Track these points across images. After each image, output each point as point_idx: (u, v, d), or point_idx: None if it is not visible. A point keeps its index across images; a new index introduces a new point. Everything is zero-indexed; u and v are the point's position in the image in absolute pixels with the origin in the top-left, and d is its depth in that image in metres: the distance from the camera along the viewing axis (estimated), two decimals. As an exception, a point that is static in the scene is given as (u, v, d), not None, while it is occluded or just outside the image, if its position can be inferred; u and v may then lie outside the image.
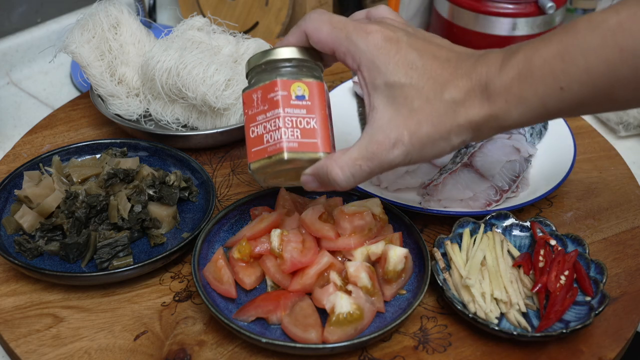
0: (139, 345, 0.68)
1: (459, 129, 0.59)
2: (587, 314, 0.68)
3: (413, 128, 0.59)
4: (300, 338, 0.66)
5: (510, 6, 1.05)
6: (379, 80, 0.59)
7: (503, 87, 0.57)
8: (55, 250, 0.75)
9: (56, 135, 0.95)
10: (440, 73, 0.59)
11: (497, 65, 0.57)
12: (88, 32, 0.92)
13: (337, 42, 0.61)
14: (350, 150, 0.61)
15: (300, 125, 0.62)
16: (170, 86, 0.88)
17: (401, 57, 0.59)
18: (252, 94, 0.65)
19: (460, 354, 0.67)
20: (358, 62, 0.60)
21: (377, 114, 0.60)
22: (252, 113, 0.64)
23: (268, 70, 0.65)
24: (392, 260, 0.70)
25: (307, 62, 0.65)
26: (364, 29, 0.60)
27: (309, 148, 0.62)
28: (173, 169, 0.86)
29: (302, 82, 0.63)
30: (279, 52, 0.64)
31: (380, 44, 0.59)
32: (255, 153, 0.64)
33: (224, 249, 0.75)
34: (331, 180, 0.61)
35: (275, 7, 1.15)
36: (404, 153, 0.59)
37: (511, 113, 0.57)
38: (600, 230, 0.81)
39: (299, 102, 0.63)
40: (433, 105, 0.58)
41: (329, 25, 0.61)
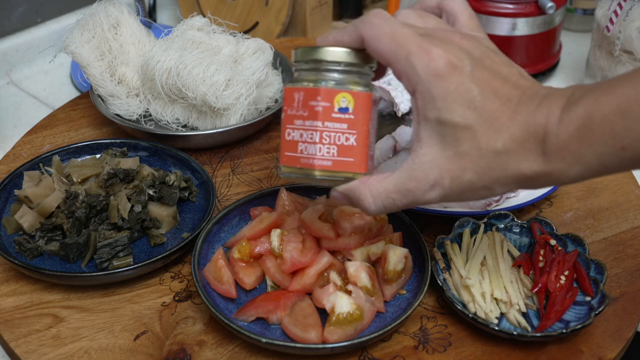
0: (139, 345, 0.68)
1: (505, 180, 0.55)
2: (587, 314, 0.68)
3: (456, 173, 0.55)
4: (300, 338, 0.66)
5: (510, 6, 1.05)
6: (431, 114, 0.54)
7: (561, 144, 0.52)
8: (55, 250, 0.75)
9: (56, 135, 0.95)
10: (498, 117, 0.53)
11: (557, 115, 0.52)
12: (88, 32, 0.92)
13: (395, 60, 0.55)
14: (386, 180, 0.57)
15: (339, 141, 0.58)
16: (170, 86, 0.88)
17: (461, 92, 0.53)
18: (294, 92, 0.60)
19: (460, 353, 0.67)
20: (414, 87, 0.55)
21: (421, 148, 0.55)
22: (291, 114, 0.60)
23: (314, 71, 0.60)
24: (392, 260, 0.70)
25: (359, 66, 0.59)
26: (427, 52, 0.54)
27: (343, 167, 0.59)
28: (173, 169, 0.86)
29: (349, 92, 0.58)
30: (328, 52, 0.59)
31: (440, 73, 0.53)
32: (287, 157, 0.60)
33: (224, 249, 0.75)
34: (361, 206, 0.59)
35: (275, 7, 1.15)
36: (441, 196, 0.56)
37: (567, 172, 0.53)
38: (600, 230, 0.81)
39: (341, 116, 0.58)
40: (483, 153, 0.54)
41: (390, 40, 0.55)
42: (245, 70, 0.92)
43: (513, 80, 0.55)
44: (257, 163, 0.91)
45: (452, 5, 0.60)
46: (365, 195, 0.58)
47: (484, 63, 0.55)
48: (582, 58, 1.15)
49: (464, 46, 0.55)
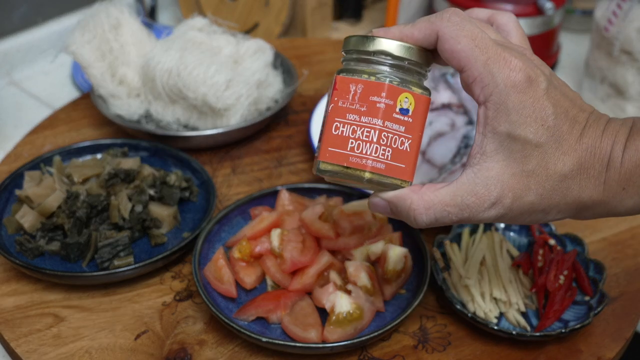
0: (140, 345, 0.68)
1: (565, 206, 0.53)
2: (586, 314, 0.69)
3: (519, 193, 0.52)
4: (300, 337, 0.66)
5: (510, 7, 1.05)
6: (503, 127, 0.51)
7: (624, 173, 0.51)
8: (56, 250, 0.75)
9: (57, 136, 0.95)
10: (567, 138, 0.52)
11: (622, 143, 0.51)
12: (89, 32, 0.92)
13: (472, 64, 0.52)
14: (442, 191, 0.53)
15: (394, 144, 0.54)
16: (171, 87, 0.89)
17: (536, 108, 0.51)
18: (349, 83, 0.54)
19: (459, 353, 0.67)
20: (487, 96, 0.52)
21: (486, 162, 0.52)
22: (343, 106, 0.54)
23: (374, 63, 0.54)
24: (392, 259, 0.70)
25: (420, 67, 0.55)
26: (507, 61, 0.51)
27: (394, 173, 0.54)
28: (174, 169, 0.86)
29: (411, 93, 0.54)
30: (395, 45, 0.54)
31: (519, 85, 0.51)
32: (331, 153, 0.54)
33: (225, 249, 0.76)
34: (410, 216, 0.54)
35: (275, 7, 1.15)
36: (499, 215, 0.53)
37: (625, 202, 0.52)
38: (599, 230, 0.81)
39: (401, 117, 0.54)
40: (549, 174, 0.52)
41: (470, 40, 0.51)
42: (246, 71, 0.92)
43: (578, 103, 0.54)
44: (257, 163, 0.91)
45: (506, 20, 0.58)
46: (418, 205, 0.54)
47: (554, 83, 0.53)
48: (581, 58, 1.15)
49: (535, 62, 0.53)
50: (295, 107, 1.02)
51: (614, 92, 1.01)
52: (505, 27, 0.58)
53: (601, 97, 1.03)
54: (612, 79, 1.00)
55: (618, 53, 0.97)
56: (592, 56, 1.04)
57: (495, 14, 0.58)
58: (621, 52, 0.97)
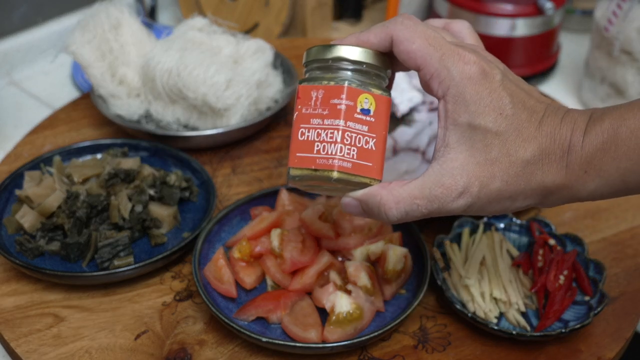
0: (140, 345, 0.68)
1: (530, 191, 0.54)
2: (586, 314, 0.69)
3: (485, 180, 0.54)
4: (300, 337, 0.66)
5: (510, 7, 1.05)
6: (462, 118, 0.53)
7: (585, 157, 0.53)
8: (56, 250, 0.75)
9: (57, 136, 0.95)
10: (526, 126, 0.54)
11: (582, 129, 0.53)
12: (89, 32, 0.92)
13: (428, 61, 0.54)
14: (410, 185, 0.55)
15: (359, 143, 0.56)
16: (171, 87, 0.89)
17: (494, 98, 0.53)
18: (311, 90, 0.57)
19: (459, 353, 0.67)
20: (445, 90, 0.54)
21: (449, 154, 0.54)
22: (307, 113, 0.56)
23: (334, 69, 0.57)
24: (392, 259, 0.70)
25: (379, 69, 0.57)
26: (461, 55, 0.54)
27: (361, 171, 0.56)
28: (174, 169, 0.86)
29: (371, 94, 0.56)
30: (351, 50, 0.56)
31: (475, 77, 0.53)
32: (299, 159, 0.56)
33: (225, 249, 0.76)
34: (381, 212, 0.56)
35: (275, 7, 1.15)
36: (468, 204, 0.54)
37: (587, 185, 0.53)
38: (599, 230, 0.81)
39: (362, 117, 0.56)
40: (512, 160, 0.53)
41: (424, 40, 0.54)
42: (246, 71, 0.92)
43: (535, 95, 0.56)
44: (257, 163, 0.91)
45: (460, 27, 0.60)
46: (387, 200, 0.55)
47: (508, 76, 0.55)
48: (581, 59, 1.15)
49: (489, 58, 0.56)
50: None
51: (614, 92, 1.01)
52: (459, 34, 0.60)
53: (601, 97, 1.03)
54: (612, 79, 1.00)
55: (618, 53, 0.97)
56: (592, 56, 1.04)
57: (450, 22, 0.61)
58: (621, 52, 0.97)
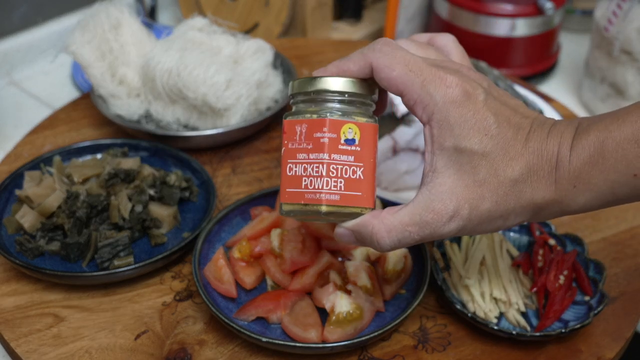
0: (140, 345, 0.68)
1: (521, 209, 0.54)
2: (586, 314, 0.69)
3: (475, 202, 0.53)
4: (300, 337, 0.66)
5: (510, 7, 1.05)
6: (448, 142, 0.53)
7: (573, 171, 0.52)
8: (56, 250, 0.75)
9: (57, 136, 0.95)
10: (513, 144, 0.53)
11: (569, 143, 0.53)
12: (89, 32, 0.92)
13: (410, 88, 0.54)
14: (401, 212, 0.55)
15: (346, 174, 0.55)
16: (171, 87, 0.89)
17: (478, 120, 0.53)
18: (295, 125, 0.57)
19: (459, 353, 0.67)
20: (429, 115, 0.54)
21: (437, 178, 0.54)
22: (293, 148, 0.57)
23: (317, 102, 0.57)
24: (392, 259, 0.70)
25: (363, 97, 0.57)
26: (443, 79, 0.53)
27: (350, 202, 0.56)
28: (174, 169, 0.86)
29: (355, 123, 0.56)
30: (332, 82, 0.56)
31: (458, 100, 0.53)
32: (289, 194, 0.57)
33: (225, 249, 0.76)
34: (374, 241, 0.56)
35: (275, 7, 1.15)
36: (459, 227, 0.54)
37: (577, 199, 0.53)
38: (599, 230, 0.81)
39: (347, 147, 0.56)
40: (500, 180, 0.53)
41: (403, 67, 0.54)
42: (246, 71, 0.92)
43: (521, 111, 0.55)
44: (257, 163, 0.91)
45: (445, 42, 0.60)
46: (379, 229, 0.55)
47: (493, 94, 0.55)
48: (581, 59, 1.15)
49: (472, 77, 0.55)
50: (295, 107, 1.02)
51: (614, 92, 1.01)
52: (444, 48, 0.60)
53: (601, 97, 1.03)
54: (612, 79, 1.00)
55: (618, 53, 0.97)
56: (592, 56, 1.04)
57: (435, 36, 0.61)
58: (621, 52, 0.97)
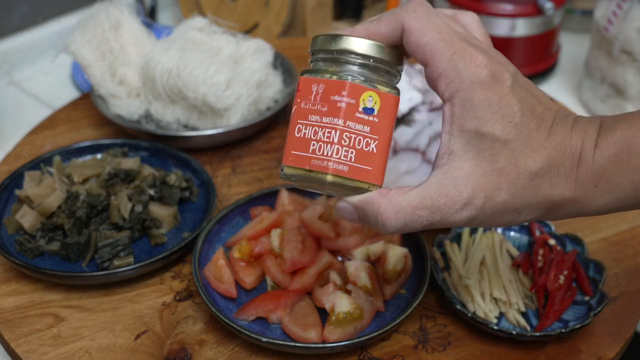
0: (140, 345, 0.68)
1: (536, 205, 0.51)
2: (586, 314, 0.69)
3: (491, 192, 0.50)
4: (300, 337, 0.66)
5: (510, 7, 1.05)
6: (470, 125, 0.50)
7: (596, 170, 0.50)
8: (56, 250, 0.75)
9: (57, 136, 0.95)
10: (536, 135, 0.50)
11: (593, 140, 0.50)
12: (89, 32, 0.92)
13: (438, 58, 0.50)
14: (411, 193, 0.51)
15: (359, 145, 0.52)
16: (171, 87, 0.89)
17: (503, 105, 0.50)
18: (312, 83, 0.53)
19: (459, 353, 0.67)
20: (452, 91, 0.50)
21: (453, 162, 0.51)
22: (305, 108, 0.53)
23: (339, 62, 0.52)
24: (392, 259, 0.70)
25: (389, 65, 0.53)
26: (473, 57, 0.50)
27: (359, 175, 0.52)
28: (174, 169, 0.86)
29: (376, 91, 0.52)
30: (358, 43, 0.52)
31: (485, 82, 0.50)
32: (294, 157, 0.53)
33: (225, 249, 0.76)
34: (378, 221, 0.52)
35: (275, 7, 1.15)
36: (471, 217, 0.51)
37: (597, 200, 0.51)
38: (599, 230, 0.81)
39: (365, 117, 0.52)
40: (519, 171, 0.50)
41: (436, 33, 0.50)
42: (246, 71, 0.92)
43: (544, 102, 0.53)
44: (257, 163, 0.91)
45: (468, 20, 0.56)
46: (385, 209, 0.51)
47: (519, 81, 0.52)
48: (581, 59, 1.15)
49: (500, 60, 0.52)
50: (295, 107, 1.01)
51: (614, 92, 1.01)
52: (468, 26, 0.56)
53: (601, 97, 1.03)
54: (612, 79, 1.00)
55: (618, 53, 0.97)
56: (592, 56, 1.04)
57: (458, 13, 0.57)
58: (621, 52, 0.97)
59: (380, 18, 0.52)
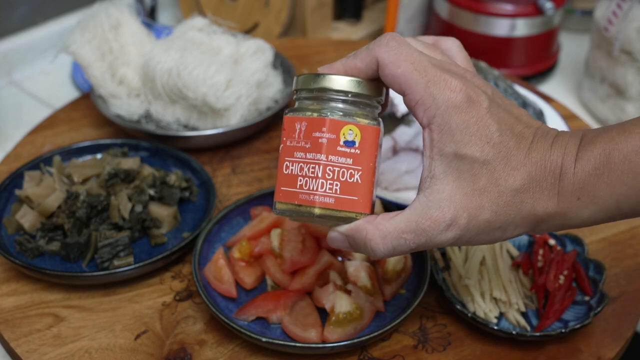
0: (140, 345, 0.68)
1: (521, 220, 0.53)
2: (586, 314, 0.69)
3: (474, 212, 0.52)
4: (300, 337, 0.66)
5: (510, 7, 1.05)
6: (448, 148, 0.52)
7: (577, 183, 0.51)
8: (56, 250, 0.75)
9: (57, 136, 0.95)
10: (515, 154, 0.52)
11: (573, 154, 0.51)
12: (89, 32, 0.92)
13: (413, 88, 0.52)
14: (397, 218, 0.53)
15: (342, 177, 0.54)
16: (171, 87, 0.89)
17: (480, 127, 0.51)
18: (295, 122, 0.55)
19: (459, 353, 0.67)
20: (430, 118, 0.52)
21: (436, 185, 0.52)
22: (291, 145, 0.55)
23: (319, 100, 0.55)
24: (392, 259, 0.70)
25: (368, 98, 0.55)
26: (447, 83, 0.52)
27: (345, 206, 0.54)
28: (174, 169, 0.86)
29: (356, 124, 0.54)
30: (336, 80, 0.55)
31: (460, 106, 0.51)
32: (284, 193, 0.55)
33: (225, 249, 0.76)
34: (367, 247, 0.54)
35: (275, 7, 1.15)
36: (456, 237, 0.53)
37: (581, 213, 0.52)
38: (599, 230, 0.81)
39: (346, 150, 0.54)
40: (500, 190, 0.52)
41: (409, 64, 0.52)
42: (246, 71, 0.92)
43: (524, 120, 0.54)
44: (257, 163, 0.91)
45: (450, 45, 0.59)
46: (373, 235, 0.53)
47: (496, 102, 0.54)
48: (581, 59, 1.15)
49: (476, 83, 0.54)
50: (295, 107, 1.02)
51: (614, 92, 1.01)
52: (449, 51, 0.59)
53: (601, 97, 1.03)
54: (612, 79, 1.00)
55: (618, 53, 0.97)
56: (592, 56, 1.04)
57: (439, 39, 0.59)
58: (621, 52, 0.97)
59: (356, 54, 0.55)
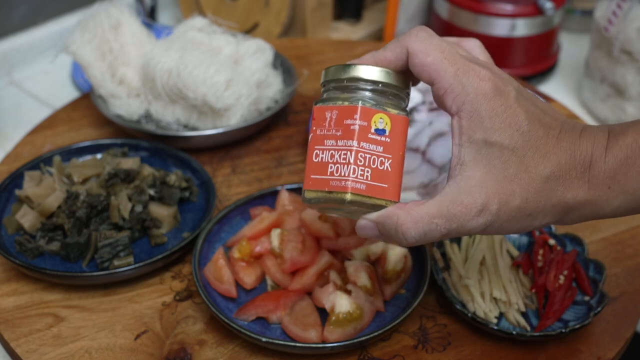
0: (140, 345, 0.68)
1: (550, 208, 0.53)
2: (586, 314, 0.69)
3: (504, 198, 0.52)
4: (300, 337, 0.66)
5: (510, 7, 1.05)
6: (478, 135, 0.52)
7: (608, 171, 0.51)
8: (56, 250, 0.75)
9: (57, 136, 0.95)
10: (545, 142, 0.52)
11: (603, 144, 0.52)
12: (89, 32, 0.92)
13: (443, 75, 0.53)
14: (428, 204, 0.53)
15: (373, 164, 0.55)
16: (171, 87, 0.89)
17: (509, 115, 0.52)
18: (325, 111, 0.56)
19: (459, 353, 0.67)
20: (459, 105, 0.53)
21: (466, 171, 0.53)
22: (321, 134, 0.56)
23: (350, 89, 0.56)
24: (392, 259, 0.70)
25: (397, 89, 0.56)
26: (476, 71, 0.53)
27: (376, 193, 0.55)
28: (174, 169, 0.86)
29: (387, 113, 0.55)
30: (367, 70, 0.56)
31: (489, 94, 0.52)
32: (314, 181, 0.56)
33: (225, 249, 0.76)
34: (399, 233, 0.54)
35: (275, 7, 1.15)
36: (487, 223, 0.52)
37: (611, 202, 0.52)
38: (599, 230, 0.81)
39: (377, 137, 0.55)
40: (531, 177, 0.52)
41: (439, 53, 0.53)
42: (246, 71, 0.92)
43: (550, 113, 0.55)
44: (257, 163, 0.91)
45: (472, 46, 0.59)
46: (405, 220, 0.53)
47: (523, 94, 0.54)
48: (581, 59, 1.15)
49: (503, 76, 0.55)
50: (295, 107, 1.02)
51: (614, 92, 1.01)
52: (471, 51, 0.59)
53: (601, 97, 1.03)
54: (612, 79, 1.00)
55: (618, 53, 0.97)
56: (592, 56, 1.04)
57: (461, 40, 0.60)
58: (621, 52, 0.97)
59: (386, 46, 0.56)
